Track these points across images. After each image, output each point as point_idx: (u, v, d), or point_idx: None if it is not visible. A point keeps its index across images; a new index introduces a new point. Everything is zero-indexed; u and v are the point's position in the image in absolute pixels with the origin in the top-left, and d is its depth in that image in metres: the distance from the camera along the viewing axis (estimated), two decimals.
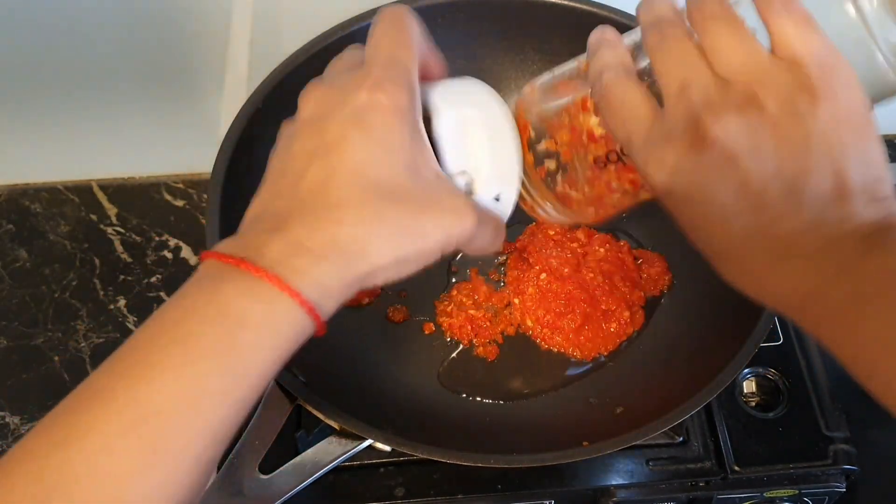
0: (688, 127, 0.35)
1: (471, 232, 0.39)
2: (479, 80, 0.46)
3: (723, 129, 0.34)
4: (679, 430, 0.62)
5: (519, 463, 0.50)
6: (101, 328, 0.72)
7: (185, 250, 0.77)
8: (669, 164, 0.35)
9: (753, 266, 0.36)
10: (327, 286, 0.35)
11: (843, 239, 0.34)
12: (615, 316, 0.63)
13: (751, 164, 0.34)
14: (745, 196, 0.34)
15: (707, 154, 0.34)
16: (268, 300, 0.34)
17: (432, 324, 0.64)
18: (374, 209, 0.36)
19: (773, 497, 0.61)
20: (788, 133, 0.33)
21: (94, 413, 0.32)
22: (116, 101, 0.77)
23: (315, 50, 0.61)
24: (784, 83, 0.33)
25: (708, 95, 0.34)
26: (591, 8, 0.64)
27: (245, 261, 0.35)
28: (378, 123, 0.37)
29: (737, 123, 0.34)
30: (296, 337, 0.35)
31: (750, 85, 0.34)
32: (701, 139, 0.34)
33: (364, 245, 0.36)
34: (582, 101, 0.41)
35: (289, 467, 0.50)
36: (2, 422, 0.67)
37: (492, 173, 0.43)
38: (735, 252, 0.37)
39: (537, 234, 0.66)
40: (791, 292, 0.36)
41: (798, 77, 0.33)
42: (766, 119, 0.33)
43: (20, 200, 0.79)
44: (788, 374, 0.64)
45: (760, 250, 0.35)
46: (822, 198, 0.34)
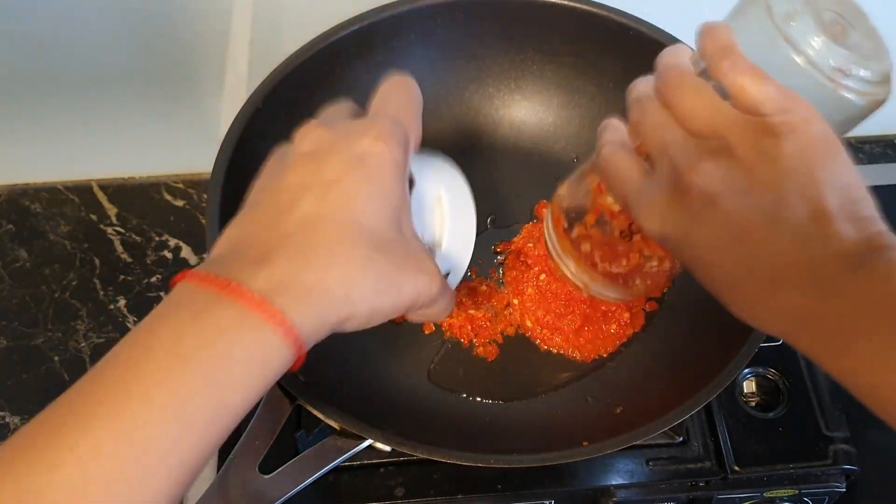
0: (670, 179, 0.39)
1: (436, 295, 0.41)
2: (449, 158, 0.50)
3: (698, 176, 0.37)
4: (679, 430, 0.62)
5: (519, 463, 0.50)
6: (101, 328, 0.72)
7: (185, 250, 0.77)
8: (658, 213, 0.39)
9: (748, 296, 0.38)
10: (310, 324, 0.35)
11: (827, 261, 0.35)
12: (615, 317, 0.63)
13: (729, 202, 0.37)
14: (729, 231, 0.37)
15: (689, 199, 0.38)
16: (256, 331, 0.34)
17: (432, 323, 0.64)
18: (363, 255, 0.37)
19: (773, 497, 0.61)
20: (758, 170, 0.36)
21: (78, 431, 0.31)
22: (116, 100, 0.77)
23: (315, 50, 0.61)
24: (747, 129, 0.37)
25: (683, 150, 0.38)
26: (591, 8, 0.64)
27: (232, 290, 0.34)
28: (377, 171, 0.38)
29: (710, 169, 0.37)
30: (280, 369, 0.35)
31: (718, 136, 0.37)
32: (682, 187, 0.38)
33: (349, 290, 0.36)
34: (598, 184, 0.47)
35: (289, 467, 0.50)
36: (2, 422, 0.67)
37: (448, 249, 0.47)
38: (731, 285, 0.39)
39: (535, 233, 0.66)
40: (784, 318, 0.37)
41: (759, 121, 0.36)
42: (736, 161, 0.37)
43: (20, 200, 0.80)
44: (788, 374, 0.64)
45: (752, 280, 0.37)
46: (802, 223, 0.36)
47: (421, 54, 0.67)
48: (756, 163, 0.36)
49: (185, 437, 0.32)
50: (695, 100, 0.39)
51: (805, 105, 0.37)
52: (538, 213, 0.68)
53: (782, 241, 0.36)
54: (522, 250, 0.66)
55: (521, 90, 0.70)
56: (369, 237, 0.37)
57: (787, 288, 0.36)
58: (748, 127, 0.37)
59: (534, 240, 0.66)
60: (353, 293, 0.36)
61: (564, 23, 0.65)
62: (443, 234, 0.46)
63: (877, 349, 0.34)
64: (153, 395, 0.32)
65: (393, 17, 0.63)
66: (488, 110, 0.70)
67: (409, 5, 0.63)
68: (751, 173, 0.36)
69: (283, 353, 0.35)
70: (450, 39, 0.67)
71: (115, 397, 0.32)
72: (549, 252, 0.52)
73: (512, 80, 0.70)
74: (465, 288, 0.65)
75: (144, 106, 0.78)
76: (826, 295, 0.35)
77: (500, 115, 0.71)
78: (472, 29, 0.66)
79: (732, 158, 0.37)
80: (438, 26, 0.65)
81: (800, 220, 0.36)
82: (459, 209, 0.47)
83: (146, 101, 0.78)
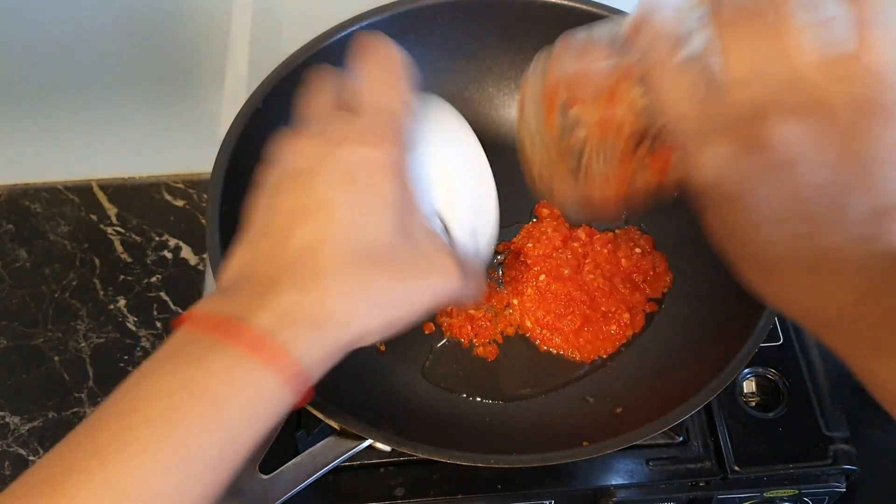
0: (751, 121, 0.32)
1: (457, 289, 0.39)
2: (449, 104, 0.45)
3: (789, 131, 0.31)
4: (679, 430, 0.62)
5: (519, 463, 0.50)
6: (101, 328, 0.72)
7: (185, 250, 0.77)
8: (722, 157, 0.33)
9: (787, 277, 0.35)
10: (315, 357, 0.35)
11: (879, 262, 0.33)
12: (615, 318, 0.63)
13: (809, 170, 0.32)
14: (796, 204, 0.33)
15: (766, 154, 0.32)
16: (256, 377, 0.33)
17: (432, 323, 0.64)
18: (362, 277, 0.36)
19: (773, 497, 0.61)
20: (853, 147, 0.31)
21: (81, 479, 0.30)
22: (116, 101, 0.77)
23: (315, 50, 0.61)
24: (861, 94, 0.31)
25: (779, 90, 0.31)
26: (591, 8, 0.63)
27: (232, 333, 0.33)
28: (369, 182, 0.36)
29: (804, 128, 0.31)
30: (280, 411, 0.35)
31: (826, 88, 0.31)
32: (764, 137, 0.32)
33: (352, 315, 0.36)
34: (627, 67, 0.37)
35: (289, 467, 0.50)
36: (2, 422, 0.67)
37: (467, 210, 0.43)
38: (770, 261, 0.35)
39: (534, 233, 0.66)
40: (821, 308, 0.35)
41: (875, 91, 0.31)
42: (835, 129, 0.31)
43: (20, 200, 0.80)
44: (788, 374, 0.64)
45: (798, 262, 0.34)
46: (869, 216, 0.32)
47: (421, 54, 0.66)
48: (854, 138, 0.31)
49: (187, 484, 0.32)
50: (808, 34, 0.31)
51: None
52: (538, 213, 0.68)
53: (846, 228, 0.32)
54: (522, 250, 0.66)
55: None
56: (367, 256, 0.36)
57: (835, 278, 0.33)
58: (862, 92, 0.31)
59: (533, 240, 0.66)
60: (355, 318, 0.36)
61: (564, 23, 0.64)
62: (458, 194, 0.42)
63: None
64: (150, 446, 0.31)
65: (393, 17, 0.63)
66: (488, 110, 0.70)
67: (409, 5, 0.63)
68: (845, 147, 0.31)
69: (283, 394, 0.34)
70: (450, 39, 0.67)
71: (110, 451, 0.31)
72: (520, 125, 0.43)
73: (512, 80, 0.70)
74: None
75: (144, 106, 0.78)
76: (873, 294, 0.33)
77: (500, 115, 0.71)
78: (472, 29, 0.66)
79: (832, 123, 0.31)
80: (438, 26, 0.65)
81: (869, 213, 0.32)
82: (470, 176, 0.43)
83: (146, 101, 0.78)
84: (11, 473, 0.65)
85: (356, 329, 0.36)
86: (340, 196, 0.36)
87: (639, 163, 0.39)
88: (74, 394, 0.69)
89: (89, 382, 0.69)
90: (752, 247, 0.35)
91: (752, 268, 0.36)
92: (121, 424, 0.32)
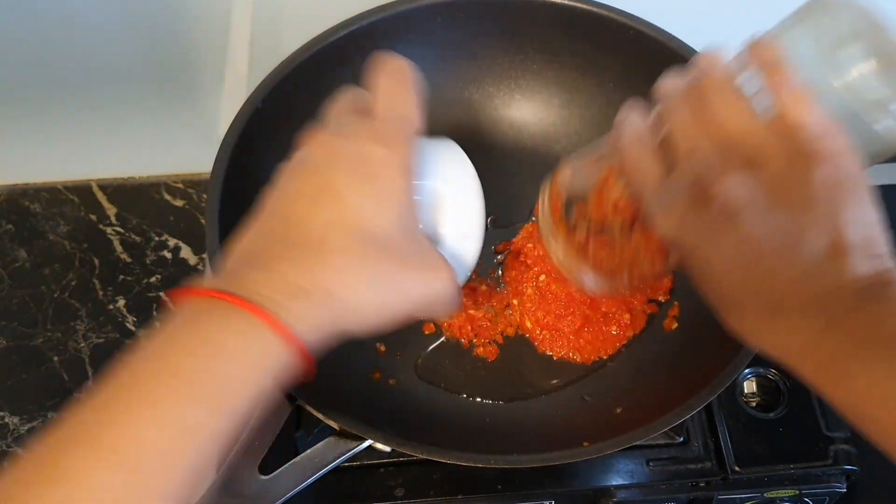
0: (694, 184, 0.38)
1: (447, 290, 0.41)
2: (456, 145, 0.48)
3: (725, 186, 0.37)
4: (679, 430, 0.62)
5: (519, 463, 0.50)
6: (100, 328, 0.72)
7: (185, 250, 0.77)
8: (677, 216, 0.39)
9: (752, 317, 0.38)
10: (313, 325, 0.36)
11: (837, 293, 0.36)
12: (615, 318, 0.63)
13: (751, 219, 0.36)
14: (744, 249, 0.37)
15: (710, 209, 0.37)
16: (256, 336, 0.34)
17: (432, 324, 0.64)
18: (368, 260, 0.37)
19: (773, 497, 0.61)
20: (786, 194, 0.36)
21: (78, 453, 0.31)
22: (116, 101, 0.77)
23: (315, 50, 0.61)
24: (783, 148, 0.36)
25: (712, 158, 0.37)
26: (592, 8, 0.63)
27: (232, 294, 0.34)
28: (384, 177, 0.38)
29: (738, 182, 0.36)
30: (282, 375, 0.35)
31: (751, 148, 0.37)
32: (705, 195, 0.37)
33: (353, 292, 0.37)
34: (608, 173, 0.45)
35: (289, 467, 0.50)
36: (1, 422, 0.67)
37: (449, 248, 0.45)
38: (735, 303, 0.39)
39: (534, 233, 0.66)
40: (787, 344, 0.37)
41: (796, 143, 0.36)
42: (766, 179, 0.36)
43: (20, 200, 0.80)
44: (789, 374, 0.64)
45: (758, 302, 0.38)
46: (817, 254, 0.36)
47: (421, 54, 0.66)
48: (786, 185, 0.36)
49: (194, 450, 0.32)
50: (732, 107, 0.38)
51: (842, 137, 0.37)
52: (538, 213, 0.68)
53: (796, 267, 0.36)
54: (522, 250, 0.65)
55: (521, 90, 0.70)
56: (375, 242, 0.38)
57: (793, 314, 0.36)
58: (784, 147, 0.36)
59: (534, 240, 0.66)
60: (356, 295, 0.37)
61: (564, 22, 0.65)
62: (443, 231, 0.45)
63: (877, 382, 0.34)
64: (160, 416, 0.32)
65: (393, 17, 0.63)
66: (488, 110, 0.70)
67: (409, 5, 0.63)
68: (778, 194, 0.36)
69: (283, 355, 0.35)
70: (450, 39, 0.67)
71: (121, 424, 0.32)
72: (541, 232, 0.51)
73: (512, 80, 0.70)
74: (465, 288, 0.65)
75: (144, 106, 0.78)
76: (831, 325, 0.35)
77: (500, 115, 0.71)
78: (472, 29, 0.66)
79: (762, 175, 0.36)
80: (438, 26, 0.65)
81: (817, 251, 0.36)
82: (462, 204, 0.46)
83: (146, 101, 0.78)
84: None
85: (353, 307, 0.37)
86: (353, 186, 0.38)
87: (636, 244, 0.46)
88: (74, 394, 0.68)
89: (89, 382, 0.69)
90: (720, 291, 0.39)
91: (725, 309, 0.40)
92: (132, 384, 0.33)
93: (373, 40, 0.63)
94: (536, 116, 0.70)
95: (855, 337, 0.35)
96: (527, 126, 0.70)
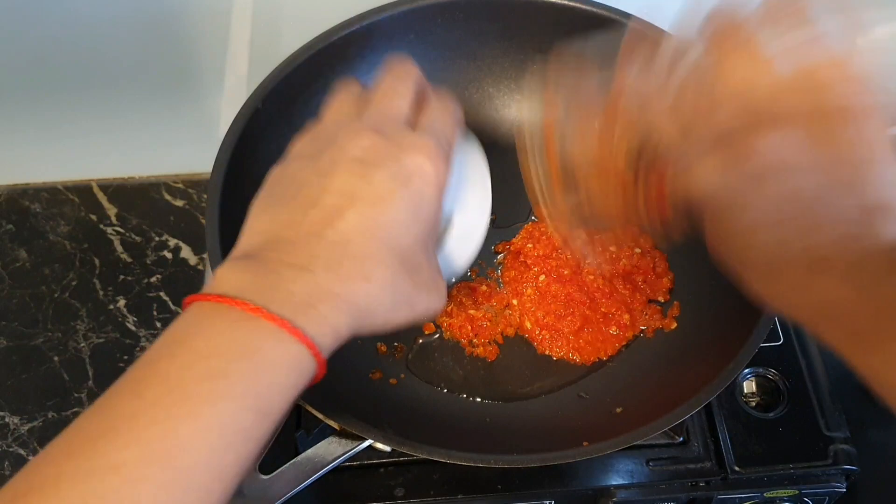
0: (739, 133, 0.35)
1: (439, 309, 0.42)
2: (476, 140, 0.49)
3: (775, 139, 0.34)
4: (679, 430, 0.62)
5: (519, 463, 0.50)
6: (100, 328, 0.72)
7: (185, 250, 0.77)
8: (715, 170, 0.36)
9: (785, 278, 0.37)
10: (336, 332, 0.36)
11: (871, 257, 0.34)
12: (615, 319, 0.63)
13: (794, 175, 0.34)
14: (786, 207, 0.35)
15: (755, 163, 0.35)
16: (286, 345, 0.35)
17: (432, 323, 0.64)
18: (394, 274, 0.38)
19: (773, 497, 0.61)
20: (835, 150, 0.34)
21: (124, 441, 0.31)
22: (116, 100, 0.77)
23: (315, 50, 0.61)
24: (839, 100, 0.34)
25: (765, 102, 0.34)
26: (592, 8, 0.63)
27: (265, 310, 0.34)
28: (422, 193, 0.39)
29: (784, 137, 0.34)
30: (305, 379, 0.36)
31: (807, 98, 0.34)
32: (752, 148, 0.35)
33: (377, 305, 0.38)
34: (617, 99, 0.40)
35: (289, 467, 0.50)
36: (2, 422, 0.67)
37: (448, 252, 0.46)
38: (767, 263, 0.37)
39: (534, 233, 0.66)
40: (818, 305, 0.36)
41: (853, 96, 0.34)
42: (817, 134, 0.34)
43: (20, 200, 0.80)
44: (788, 374, 0.64)
45: (793, 262, 0.36)
46: (857, 214, 0.34)
47: (421, 54, 0.66)
48: (835, 142, 0.34)
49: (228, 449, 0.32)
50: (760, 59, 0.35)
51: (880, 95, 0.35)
52: (538, 213, 0.68)
53: (833, 227, 0.35)
54: (522, 250, 0.65)
55: (521, 90, 0.70)
56: (401, 257, 0.38)
57: (827, 276, 0.35)
58: (828, 104, 0.34)
59: (533, 240, 0.66)
60: (378, 308, 0.38)
61: (564, 23, 0.65)
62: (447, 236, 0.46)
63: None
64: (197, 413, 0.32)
65: (393, 17, 0.63)
66: (488, 110, 0.70)
67: (409, 5, 0.63)
68: (826, 151, 0.34)
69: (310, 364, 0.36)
70: (450, 39, 0.67)
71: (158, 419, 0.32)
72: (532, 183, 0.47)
73: (512, 80, 0.70)
74: (465, 288, 0.65)
75: (144, 106, 0.78)
76: (866, 289, 0.34)
77: (500, 115, 0.71)
78: (472, 29, 0.66)
79: (812, 130, 0.34)
80: (438, 26, 0.65)
81: (852, 210, 0.34)
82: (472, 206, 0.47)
83: (146, 101, 0.78)
84: (11, 474, 0.65)
85: (368, 318, 0.38)
86: (394, 196, 0.38)
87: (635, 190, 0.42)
88: (74, 394, 0.69)
89: (89, 382, 0.69)
90: (749, 251, 0.37)
91: (751, 272, 0.38)
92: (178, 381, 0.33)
93: (373, 40, 0.63)
94: (536, 116, 0.70)
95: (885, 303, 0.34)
96: (520, 121, 0.70)
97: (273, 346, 0.34)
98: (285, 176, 0.41)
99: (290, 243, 0.37)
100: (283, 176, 0.41)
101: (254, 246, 0.38)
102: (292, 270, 0.36)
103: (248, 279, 0.35)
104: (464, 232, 0.47)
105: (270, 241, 0.38)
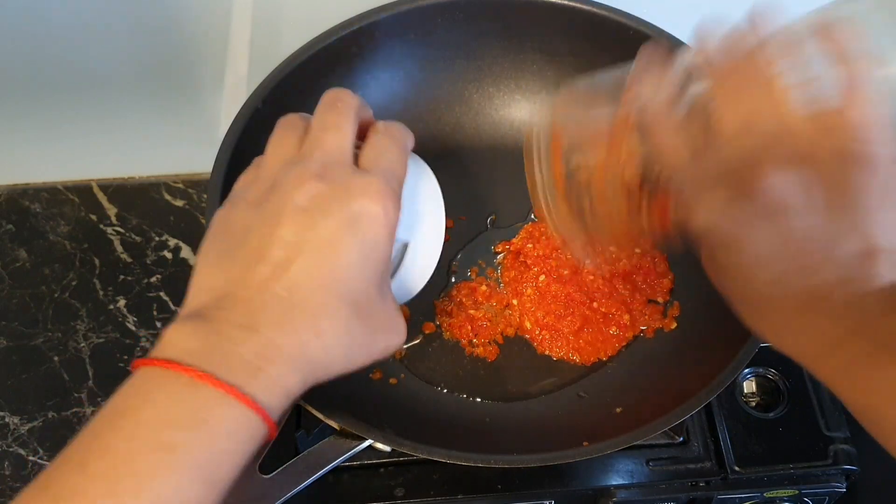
0: (744, 171, 0.34)
1: (400, 345, 0.41)
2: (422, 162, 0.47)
3: (780, 180, 0.34)
4: (679, 430, 0.62)
5: (519, 463, 0.50)
6: (100, 328, 0.72)
7: (185, 250, 0.77)
8: (717, 204, 0.36)
9: (781, 315, 0.37)
10: (289, 394, 0.36)
11: (867, 297, 0.35)
12: (615, 319, 0.63)
13: (798, 216, 0.34)
14: (786, 246, 0.35)
15: (758, 201, 0.34)
16: (238, 412, 0.34)
17: (432, 323, 0.64)
18: (347, 324, 0.37)
19: (773, 497, 0.61)
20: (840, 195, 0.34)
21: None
22: (116, 101, 0.77)
23: (315, 50, 0.61)
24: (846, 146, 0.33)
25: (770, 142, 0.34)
26: (592, 8, 0.63)
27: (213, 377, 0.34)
28: (371, 235, 0.38)
29: (792, 178, 0.34)
30: (258, 444, 0.36)
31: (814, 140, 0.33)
32: (756, 186, 0.34)
33: (331, 358, 0.38)
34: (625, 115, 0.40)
35: (289, 467, 0.50)
36: (2, 422, 0.67)
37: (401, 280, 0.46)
38: (764, 299, 0.37)
39: (534, 234, 0.66)
40: (811, 344, 0.37)
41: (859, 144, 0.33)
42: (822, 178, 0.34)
43: (20, 200, 0.80)
44: (788, 374, 0.64)
45: (790, 300, 0.36)
46: (854, 256, 0.35)
47: (421, 54, 0.67)
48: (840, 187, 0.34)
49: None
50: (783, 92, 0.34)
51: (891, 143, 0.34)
52: (537, 213, 0.68)
53: (831, 269, 0.35)
54: (522, 250, 0.65)
55: (521, 90, 0.70)
56: (354, 304, 0.38)
57: (822, 315, 0.36)
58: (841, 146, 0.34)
59: (533, 240, 0.66)
60: (333, 360, 0.38)
61: (564, 23, 0.65)
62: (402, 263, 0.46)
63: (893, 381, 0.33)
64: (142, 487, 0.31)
65: (393, 17, 0.63)
66: (488, 110, 0.70)
67: (409, 5, 0.63)
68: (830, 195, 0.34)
69: (260, 427, 0.35)
70: (450, 39, 0.67)
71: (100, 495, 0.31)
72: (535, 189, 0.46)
73: (512, 80, 0.70)
74: (465, 288, 0.65)
75: (144, 106, 0.78)
76: (859, 328, 0.35)
77: (500, 115, 0.71)
78: (472, 29, 0.66)
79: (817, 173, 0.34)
80: (438, 26, 0.65)
81: (852, 254, 0.35)
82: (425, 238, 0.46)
83: (146, 101, 0.78)
84: (11, 473, 0.65)
85: (322, 370, 0.38)
86: (342, 241, 0.37)
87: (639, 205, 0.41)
88: (74, 394, 0.69)
89: (89, 382, 0.69)
90: (747, 286, 0.38)
91: (748, 306, 0.39)
92: (126, 454, 0.32)
93: (373, 40, 0.63)
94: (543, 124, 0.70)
95: (878, 342, 0.34)
96: (526, 126, 0.70)
97: (222, 413, 0.34)
98: (230, 222, 0.39)
99: (238, 301, 0.36)
100: (228, 222, 0.40)
101: (202, 304, 0.37)
102: (240, 331, 0.35)
103: (196, 343, 0.35)
104: (419, 255, 0.46)
105: (218, 298, 0.37)
